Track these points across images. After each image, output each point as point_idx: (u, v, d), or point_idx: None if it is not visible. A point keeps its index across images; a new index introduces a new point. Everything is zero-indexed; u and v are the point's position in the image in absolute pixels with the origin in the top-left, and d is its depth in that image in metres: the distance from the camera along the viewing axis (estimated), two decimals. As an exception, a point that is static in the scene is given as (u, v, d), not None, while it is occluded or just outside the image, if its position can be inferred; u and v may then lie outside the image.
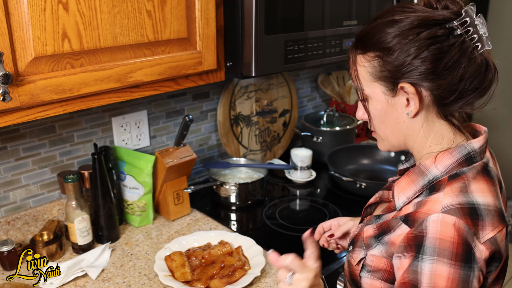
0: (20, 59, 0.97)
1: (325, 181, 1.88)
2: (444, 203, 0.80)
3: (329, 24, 1.44)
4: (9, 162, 1.36)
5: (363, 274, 0.94)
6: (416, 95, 0.84)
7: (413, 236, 0.81)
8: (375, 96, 0.89)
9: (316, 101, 2.23)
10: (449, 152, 0.86)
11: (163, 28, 1.17)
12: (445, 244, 0.77)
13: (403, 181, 0.90)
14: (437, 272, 0.77)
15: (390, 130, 0.92)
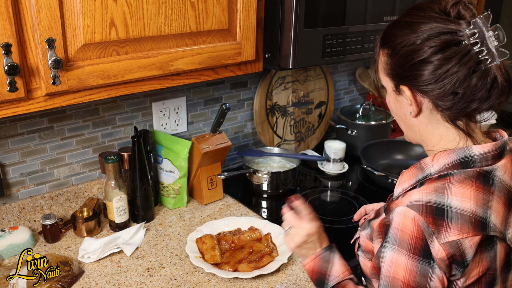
0: (70, 46, 1.03)
1: (357, 174, 1.89)
2: (412, 198, 0.84)
3: (370, 19, 1.45)
4: (55, 141, 1.44)
5: (359, 253, 1.03)
6: (413, 99, 0.87)
7: (383, 224, 0.87)
8: (388, 89, 0.94)
9: (353, 94, 2.23)
10: (447, 153, 0.87)
11: (205, 19, 1.21)
12: (405, 236, 0.81)
13: (406, 174, 0.94)
14: (396, 261, 0.82)
15: (402, 123, 0.97)
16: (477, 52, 0.80)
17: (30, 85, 1.02)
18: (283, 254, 1.33)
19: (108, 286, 1.22)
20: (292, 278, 1.27)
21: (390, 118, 2.01)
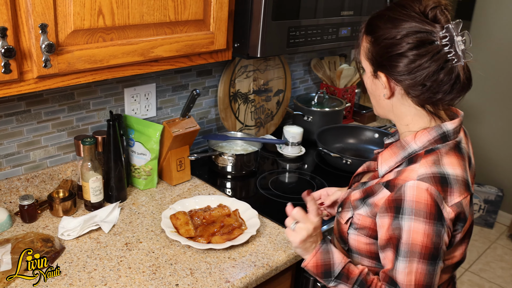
0: (61, 31, 1.10)
1: (313, 157, 2.05)
2: (419, 172, 0.98)
3: (328, 14, 1.59)
4: (32, 124, 1.49)
5: (351, 231, 1.12)
6: (388, 85, 1.01)
7: (393, 199, 0.98)
8: (366, 71, 1.07)
9: (308, 83, 2.39)
10: (427, 131, 1.03)
11: (183, 9, 1.30)
12: (420, 206, 0.95)
13: (387, 153, 1.07)
14: (414, 229, 0.95)
15: (375, 102, 1.11)
16: (446, 52, 0.95)
17: (22, 68, 1.08)
18: (252, 227, 1.46)
19: (90, 260, 1.30)
20: (261, 247, 1.40)
21: (342, 106, 2.18)
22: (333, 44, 1.67)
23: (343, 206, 1.17)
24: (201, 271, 1.28)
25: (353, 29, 1.72)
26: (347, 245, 1.15)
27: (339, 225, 1.17)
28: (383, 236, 1.01)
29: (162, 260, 1.32)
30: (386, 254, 1.02)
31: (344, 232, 1.14)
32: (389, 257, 1.01)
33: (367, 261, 1.13)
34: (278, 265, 1.35)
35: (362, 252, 1.12)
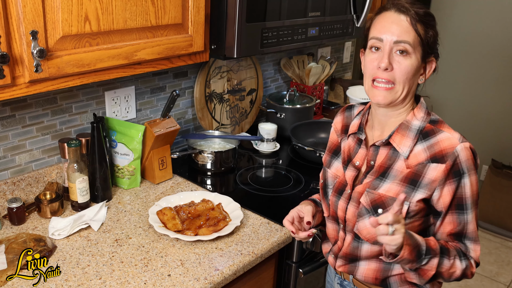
0: (50, 37, 1.16)
1: (287, 152, 2.15)
2: (456, 136, 1.14)
3: (297, 15, 1.69)
4: (17, 129, 1.52)
5: (406, 221, 1.15)
6: (433, 68, 1.18)
7: (452, 166, 1.12)
8: (415, 56, 1.13)
9: (278, 82, 2.49)
10: (418, 108, 1.20)
11: (163, 14, 1.37)
12: (470, 162, 1.13)
13: (397, 137, 1.18)
14: (472, 181, 1.14)
15: (409, 87, 1.15)
16: None
17: (14, 73, 1.13)
18: (235, 219, 1.53)
19: (82, 257, 1.35)
20: (246, 237, 1.49)
21: (312, 102, 2.29)
22: (303, 44, 1.77)
23: (383, 206, 1.17)
24: (191, 262, 1.36)
25: (320, 29, 1.82)
26: None
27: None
28: (446, 201, 1.14)
29: (152, 253, 1.38)
30: (448, 218, 1.16)
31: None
32: (449, 219, 1.16)
33: None
34: (262, 252, 1.44)
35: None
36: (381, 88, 1.14)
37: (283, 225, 1.29)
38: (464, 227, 1.16)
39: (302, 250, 1.60)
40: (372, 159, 1.23)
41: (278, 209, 1.66)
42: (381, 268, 1.25)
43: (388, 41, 1.12)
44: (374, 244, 1.22)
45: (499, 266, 3.19)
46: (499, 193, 3.39)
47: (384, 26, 1.13)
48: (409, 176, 1.15)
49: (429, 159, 1.13)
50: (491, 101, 3.51)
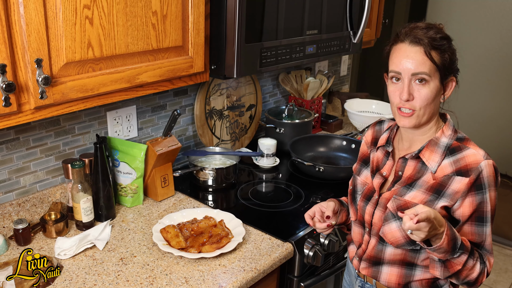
0: (54, 64, 1.19)
1: (287, 166, 2.18)
2: (481, 153, 1.21)
3: (295, 34, 1.73)
4: (21, 151, 1.55)
5: None
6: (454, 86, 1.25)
7: (474, 180, 1.19)
8: (434, 82, 1.19)
9: (277, 96, 2.52)
10: (447, 126, 1.28)
11: (164, 38, 1.41)
12: (491, 178, 1.21)
13: (427, 153, 1.26)
14: (492, 196, 1.21)
15: (431, 110, 1.23)
16: None
17: (20, 100, 1.16)
18: (238, 235, 1.56)
19: (88, 276, 1.38)
20: (248, 253, 1.51)
21: (311, 117, 2.33)
22: (301, 62, 1.80)
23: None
24: (195, 279, 1.38)
25: (318, 46, 1.86)
26: (418, 244, 1.24)
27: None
28: (466, 212, 1.21)
29: (157, 271, 1.41)
30: (467, 228, 1.23)
31: None
32: (473, 228, 1.23)
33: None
34: (265, 268, 1.46)
35: None
36: (406, 114, 1.23)
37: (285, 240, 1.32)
38: (482, 238, 1.24)
39: (303, 264, 1.62)
40: (401, 170, 1.31)
41: (279, 225, 1.69)
42: (403, 274, 1.33)
43: (406, 74, 1.20)
44: (397, 248, 1.30)
45: (497, 274, 3.20)
46: (497, 202, 3.41)
47: (400, 61, 1.20)
48: (434, 186, 1.24)
49: (454, 172, 1.22)
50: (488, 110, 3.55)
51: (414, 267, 1.31)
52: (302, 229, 1.65)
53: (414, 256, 1.30)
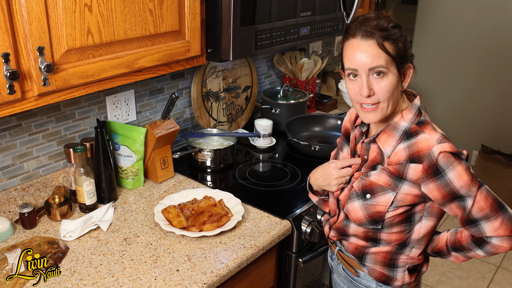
0: (56, 52, 1.22)
1: (283, 146, 2.22)
2: (434, 138, 1.18)
3: (289, 16, 1.76)
4: (24, 137, 1.59)
5: (390, 209, 1.25)
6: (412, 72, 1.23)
7: (428, 167, 1.17)
8: (392, 73, 1.18)
9: (272, 78, 2.55)
10: (408, 110, 1.25)
11: (161, 23, 1.44)
12: (450, 158, 1.16)
13: (383, 137, 1.25)
14: (458, 172, 1.16)
15: (394, 100, 1.22)
16: None
17: (23, 88, 1.19)
18: (237, 214, 1.61)
19: (94, 257, 1.43)
20: (247, 231, 1.57)
21: (306, 97, 2.36)
22: (295, 43, 1.83)
23: (372, 192, 1.27)
24: (197, 256, 1.43)
25: (311, 28, 1.89)
26: (381, 223, 1.28)
27: (371, 209, 1.27)
28: (438, 197, 1.20)
29: (160, 250, 1.46)
30: (450, 207, 1.21)
31: (381, 212, 1.26)
32: (454, 206, 1.20)
33: (397, 227, 1.29)
34: (264, 245, 1.52)
35: (394, 223, 1.28)
36: (370, 109, 1.22)
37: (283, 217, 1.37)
38: (468, 213, 1.20)
39: (301, 241, 1.68)
40: (365, 154, 1.32)
41: (277, 203, 1.74)
42: (362, 245, 1.37)
43: (363, 70, 1.18)
44: (359, 226, 1.33)
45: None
46: (488, 178, 3.49)
47: (355, 57, 1.18)
48: (394, 172, 1.24)
49: (408, 159, 1.20)
50: (481, 88, 3.59)
51: (376, 241, 1.34)
52: (299, 207, 1.70)
53: (376, 233, 1.32)
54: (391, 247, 1.33)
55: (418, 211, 1.28)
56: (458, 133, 3.77)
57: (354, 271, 1.43)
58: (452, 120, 3.78)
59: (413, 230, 1.30)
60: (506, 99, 3.50)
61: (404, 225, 1.29)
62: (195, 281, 1.33)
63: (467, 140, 3.74)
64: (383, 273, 1.37)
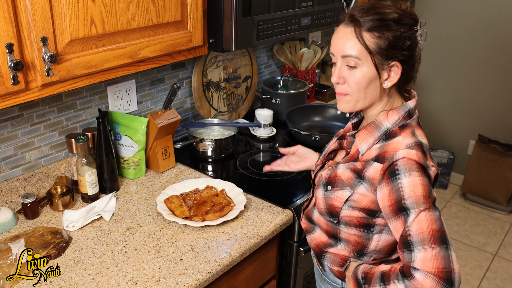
0: (59, 42, 1.22)
1: (283, 136, 2.23)
2: (406, 142, 1.12)
3: (290, 6, 1.75)
4: (25, 128, 1.59)
5: (345, 207, 1.22)
6: (399, 72, 1.14)
7: (387, 167, 1.11)
8: (367, 66, 1.13)
9: (272, 67, 2.55)
10: (396, 110, 1.19)
11: (163, 13, 1.43)
12: (412, 164, 1.09)
13: (363, 133, 1.22)
14: (413, 182, 1.07)
15: (367, 95, 1.17)
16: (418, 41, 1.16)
17: (27, 78, 1.19)
18: (239, 203, 1.62)
19: (97, 246, 1.44)
20: (250, 221, 1.58)
21: (306, 87, 2.37)
22: (296, 33, 1.83)
23: (333, 185, 1.24)
24: (200, 246, 1.45)
25: (312, 18, 1.89)
26: (336, 218, 1.26)
27: (328, 201, 1.26)
28: (386, 204, 1.11)
29: (163, 240, 1.47)
30: (393, 224, 1.11)
31: (337, 208, 1.24)
32: (397, 223, 1.09)
33: (355, 230, 1.25)
34: (266, 234, 1.53)
35: (352, 223, 1.24)
36: (340, 97, 1.21)
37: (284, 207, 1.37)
38: (407, 230, 1.07)
39: (302, 230, 1.69)
40: (349, 147, 1.29)
41: (278, 193, 1.75)
42: (323, 241, 1.35)
43: (338, 56, 1.16)
44: (320, 215, 1.32)
45: (487, 237, 3.33)
46: (485, 167, 3.51)
47: (333, 42, 1.16)
48: (357, 169, 1.20)
49: (374, 158, 1.16)
50: (478, 78, 3.60)
51: (336, 239, 1.31)
52: (300, 197, 1.71)
53: (335, 228, 1.29)
54: (349, 251, 1.30)
55: (378, 224, 1.22)
56: (455, 123, 3.79)
57: (321, 266, 1.42)
58: (449, 110, 3.79)
59: (371, 239, 1.25)
60: (503, 88, 3.51)
61: (362, 230, 1.24)
62: (198, 270, 1.34)
63: (464, 129, 3.76)
64: (342, 272, 1.34)
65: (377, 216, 1.21)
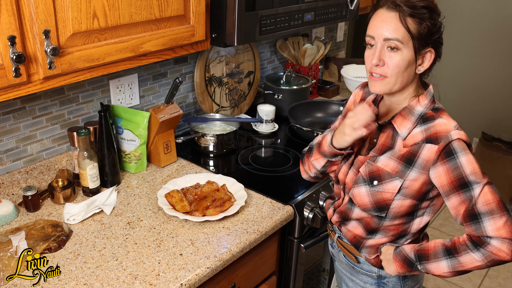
0: (61, 35, 1.21)
1: (285, 131, 2.23)
2: (453, 124, 1.21)
3: (294, 1, 1.75)
4: (27, 120, 1.59)
5: (397, 197, 1.26)
6: (432, 58, 1.22)
7: (443, 148, 1.18)
8: (407, 50, 1.18)
9: (274, 63, 2.55)
10: (424, 95, 1.27)
11: (166, 7, 1.43)
12: (462, 145, 1.18)
13: (399, 119, 1.26)
14: (470, 159, 1.17)
15: (404, 79, 1.22)
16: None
17: (29, 71, 1.19)
18: (240, 199, 1.62)
19: (98, 240, 1.44)
20: (250, 216, 1.58)
21: (309, 83, 2.36)
22: (299, 29, 1.83)
23: (379, 178, 1.27)
24: (201, 241, 1.45)
25: (315, 13, 1.88)
26: (385, 211, 1.28)
27: (377, 196, 1.27)
28: (445, 182, 1.19)
29: (164, 234, 1.47)
30: (453, 200, 1.19)
31: (388, 200, 1.26)
32: (458, 200, 1.18)
33: (399, 219, 1.30)
34: (267, 230, 1.53)
35: (399, 214, 1.28)
36: (376, 79, 1.23)
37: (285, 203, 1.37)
38: (474, 204, 1.16)
39: (303, 226, 1.70)
40: (375, 137, 1.32)
41: (279, 188, 1.75)
42: (363, 234, 1.38)
43: (379, 39, 1.20)
44: (364, 211, 1.33)
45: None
46: (489, 165, 3.50)
47: (375, 25, 1.20)
48: (405, 155, 1.23)
49: (424, 140, 1.21)
50: (481, 75, 3.59)
51: (374, 232, 1.35)
52: (301, 193, 1.71)
53: (378, 223, 1.33)
54: (388, 238, 1.35)
55: (423, 207, 1.29)
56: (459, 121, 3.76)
57: (354, 258, 1.44)
58: (452, 107, 3.78)
59: (412, 223, 1.31)
60: (506, 86, 3.50)
61: (406, 217, 1.30)
62: (198, 265, 1.35)
63: (467, 127, 3.75)
64: (378, 260, 1.38)
65: (425, 199, 1.27)
